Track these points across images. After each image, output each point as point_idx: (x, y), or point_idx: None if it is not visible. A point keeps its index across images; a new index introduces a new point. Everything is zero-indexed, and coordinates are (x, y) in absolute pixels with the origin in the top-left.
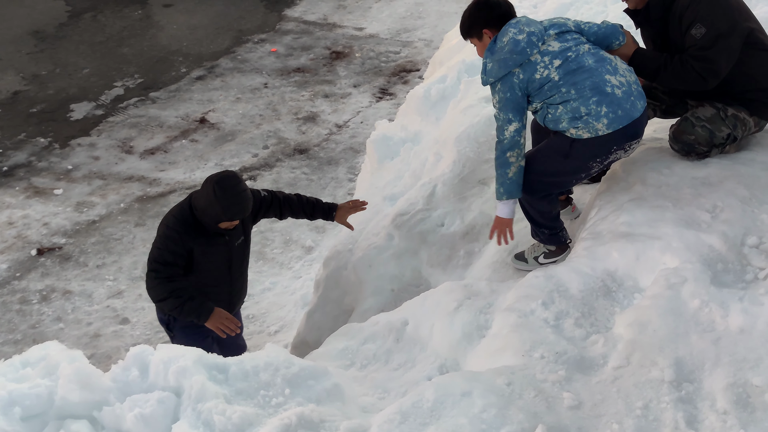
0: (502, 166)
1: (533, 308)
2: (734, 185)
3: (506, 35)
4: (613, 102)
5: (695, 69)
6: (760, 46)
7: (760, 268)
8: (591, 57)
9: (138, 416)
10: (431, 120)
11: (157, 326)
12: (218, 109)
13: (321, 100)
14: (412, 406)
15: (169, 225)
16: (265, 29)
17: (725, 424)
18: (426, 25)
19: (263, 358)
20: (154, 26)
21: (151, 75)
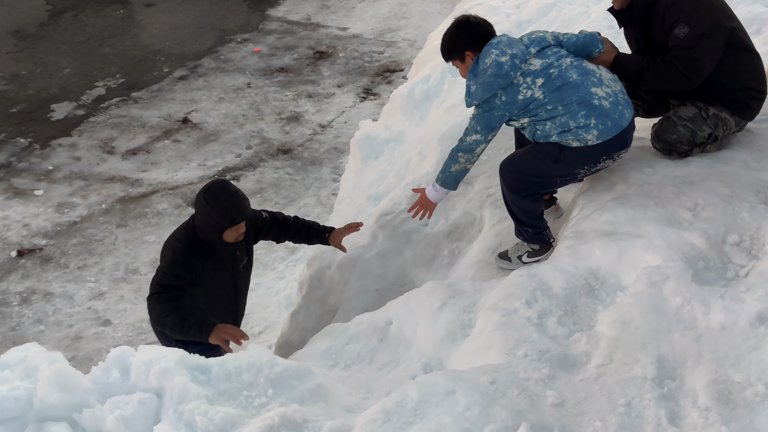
0: (451, 159)
1: (516, 307)
2: (715, 184)
3: (488, 56)
4: (602, 114)
5: (678, 69)
6: (742, 46)
7: (740, 265)
8: (575, 71)
9: (119, 418)
10: (415, 119)
11: (140, 327)
12: (201, 109)
13: (305, 100)
14: (395, 405)
15: (175, 250)
16: (248, 29)
17: (707, 421)
18: (410, 26)
19: (246, 359)
20: (135, 26)
21: (133, 75)
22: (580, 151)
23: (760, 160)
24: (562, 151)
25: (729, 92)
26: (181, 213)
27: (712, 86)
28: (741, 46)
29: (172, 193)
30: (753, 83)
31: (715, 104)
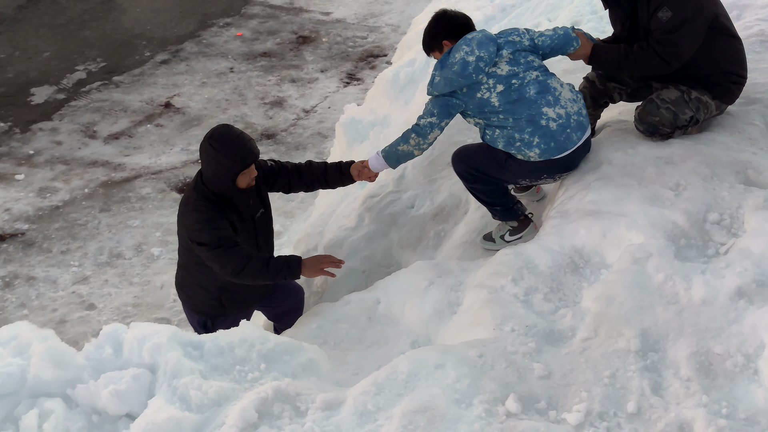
0: (403, 138)
1: (503, 284)
2: (696, 164)
3: (459, 51)
4: (546, 134)
5: (658, 53)
6: (725, 31)
7: (721, 243)
8: (534, 87)
9: (113, 393)
10: (400, 103)
11: (125, 311)
12: (183, 94)
13: (288, 85)
14: (387, 378)
15: (201, 210)
16: (230, 13)
17: (688, 390)
18: (393, 11)
19: (238, 335)
20: (116, 9)
21: (114, 59)
22: (523, 164)
23: (740, 142)
24: (508, 159)
25: (711, 76)
26: (165, 197)
27: (695, 70)
28: (724, 30)
29: (155, 178)
30: (734, 68)
31: (697, 88)
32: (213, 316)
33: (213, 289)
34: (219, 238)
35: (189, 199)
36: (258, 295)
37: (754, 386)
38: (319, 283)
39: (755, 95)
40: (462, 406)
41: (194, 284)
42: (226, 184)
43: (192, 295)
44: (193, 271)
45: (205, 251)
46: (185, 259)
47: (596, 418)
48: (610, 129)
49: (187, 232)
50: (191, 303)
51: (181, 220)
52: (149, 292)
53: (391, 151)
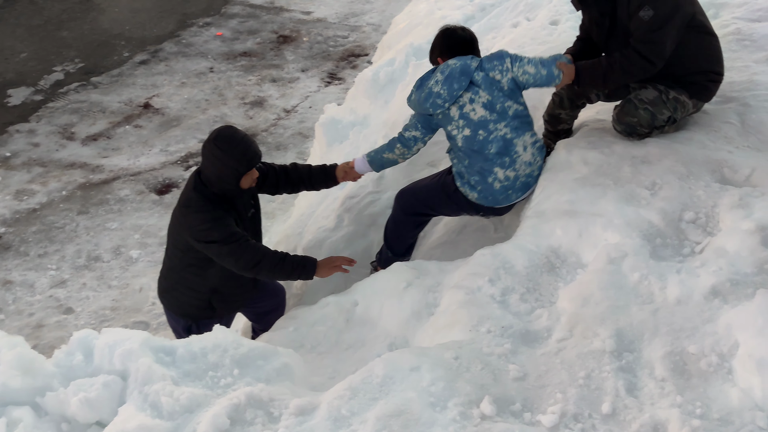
0: (389, 146)
1: (480, 285)
2: (672, 163)
3: (433, 78)
4: (487, 189)
5: (641, 55)
6: (702, 29)
7: (696, 242)
8: (497, 145)
9: (83, 400)
10: (380, 103)
11: (102, 315)
12: (163, 94)
13: (268, 85)
14: (361, 382)
15: (205, 209)
16: (210, 12)
17: (663, 391)
18: (374, 10)
19: (211, 340)
20: (94, 9)
21: (93, 59)
22: (463, 198)
23: (715, 140)
24: (456, 191)
25: (689, 75)
26: (144, 199)
27: (673, 69)
28: (701, 28)
29: (134, 179)
30: (712, 66)
31: (675, 87)
32: (199, 318)
33: (204, 291)
34: (231, 233)
35: (190, 200)
36: (248, 295)
37: (728, 386)
38: (299, 285)
39: (731, 94)
40: (437, 410)
41: (184, 287)
42: (230, 184)
43: (179, 298)
44: (184, 273)
45: (216, 248)
46: (176, 262)
47: (571, 420)
48: (587, 128)
49: (192, 232)
50: (177, 306)
51: (182, 223)
52: (128, 296)
53: (377, 157)
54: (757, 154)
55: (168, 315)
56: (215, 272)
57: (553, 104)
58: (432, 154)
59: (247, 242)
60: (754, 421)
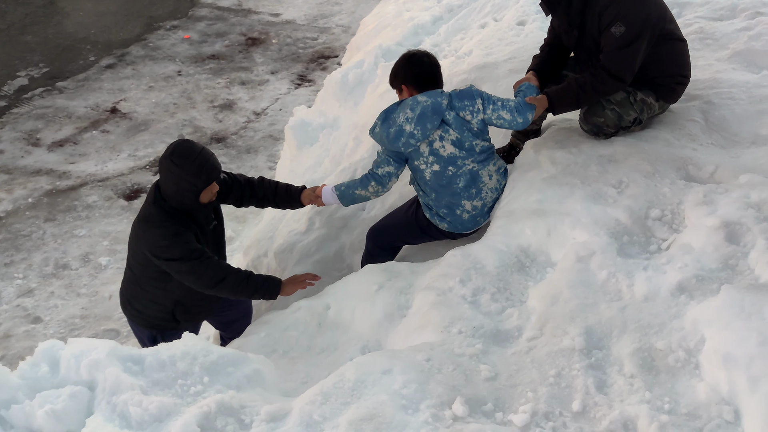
0: (362, 184)
1: (451, 286)
2: (638, 161)
3: (402, 113)
4: (456, 220)
5: (611, 73)
6: (671, 36)
7: (662, 239)
8: (464, 179)
9: (49, 412)
10: (349, 105)
11: (72, 323)
12: (130, 98)
13: (237, 88)
14: (333, 386)
15: (165, 225)
16: (177, 15)
17: (632, 387)
18: (343, 11)
19: (180, 348)
20: (59, 13)
21: (58, 64)
22: (435, 228)
23: (680, 138)
24: (429, 224)
25: (657, 78)
26: (112, 205)
27: (641, 74)
28: (670, 36)
29: (102, 185)
30: (680, 70)
31: (643, 89)
32: (164, 329)
33: (167, 303)
34: (191, 251)
35: (150, 215)
36: (212, 306)
37: (695, 381)
38: None
39: (695, 92)
40: (409, 412)
41: (146, 299)
42: (189, 199)
43: (142, 310)
44: (147, 286)
45: (176, 265)
46: (139, 275)
47: (542, 419)
48: (554, 128)
49: (152, 248)
50: (141, 318)
51: (141, 237)
52: (97, 303)
53: (347, 192)
54: (721, 151)
55: (132, 326)
56: (177, 285)
57: None
58: None
59: (209, 260)
60: (721, 414)
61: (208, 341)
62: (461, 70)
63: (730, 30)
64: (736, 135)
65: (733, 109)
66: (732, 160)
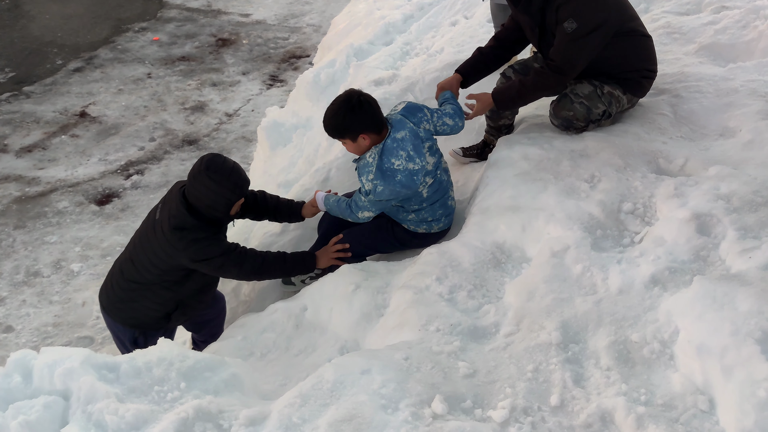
0: (342, 214)
1: (428, 284)
2: (610, 155)
3: (397, 158)
4: (449, 211)
5: (553, 68)
6: (633, 33)
7: (635, 232)
8: (443, 172)
9: (22, 424)
10: (322, 105)
11: (45, 332)
12: (99, 102)
13: (209, 89)
14: (312, 388)
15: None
16: (145, 17)
17: (609, 380)
18: (314, 11)
19: (156, 354)
20: (24, 16)
21: (24, 68)
22: (422, 236)
23: (650, 132)
24: (414, 238)
25: (623, 72)
26: (83, 210)
27: (607, 67)
28: (631, 33)
29: (72, 191)
30: (645, 64)
31: (610, 83)
32: (150, 329)
33: (170, 305)
34: (228, 246)
35: (185, 223)
36: (204, 307)
37: (671, 371)
38: (247, 292)
39: (663, 86)
40: (388, 411)
41: (149, 300)
42: (221, 212)
43: (138, 310)
44: (157, 288)
45: (218, 261)
46: (148, 278)
47: (521, 414)
48: (526, 124)
49: (189, 253)
50: (130, 317)
51: (176, 244)
52: (70, 311)
53: (334, 209)
54: (690, 143)
55: (113, 327)
56: (189, 286)
57: None
58: None
59: (245, 249)
60: (696, 404)
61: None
62: (433, 68)
63: (697, 24)
64: (705, 128)
65: (701, 102)
66: (701, 153)
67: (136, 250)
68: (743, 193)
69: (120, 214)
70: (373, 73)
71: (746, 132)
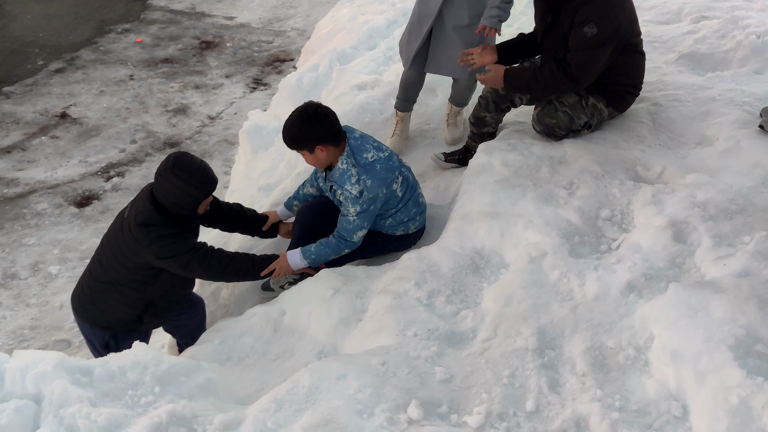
0: (333, 251)
1: (407, 289)
2: (588, 163)
3: (367, 152)
4: (422, 209)
5: (568, 74)
6: (633, 48)
7: (612, 238)
8: (406, 170)
9: None
10: None
11: (21, 335)
12: (80, 103)
13: (191, 92)
14: (287, 393)
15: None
16: (128, 19)
17: (584, 386)
18: (298, 15)
19: (130, 357)
20: (5, 16)
21: (4, 68)
22: (401, 238)
23: (629, 140)
24: (393, 241)
25: (610, 85)
26: (63, 213)
27: (597, 79)
28: (632, 48)
29: (51, 192)
30: (633, 81)
31: (595, 94)
32: (121, 331)
33: (139, 305)
34: (194, 244)
35: (150, 219)
36: (179, 309)
37: (645, 377)
38: (226, 296)
39: (643, 94)
40: (364, 417)
41: (117, 301)
42: (187, 210)
43: (106, 311)
44: (124, 288)
45: (184, 259)
46: (118, 277)
47: (496, 419)
48: (507, 131)
49: (154, 249)
50: (100, 318)
51: (141, 240)
52: (48, 313)
53: (319, 259)
54: (668, 151)
55: (84, 329)
56: (158, 287)
57: (479, 107)
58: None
59: (212, 248)
60: (670, 410)
61: (162, 350)
62: None
63: (677, 33)
64: (683, 136)
65: (680, 110)
66: (679, 161)
67: (103, 249)
68: (719, 201)
69: (100, 216)
70: (356, 78)
71: (723, 141)
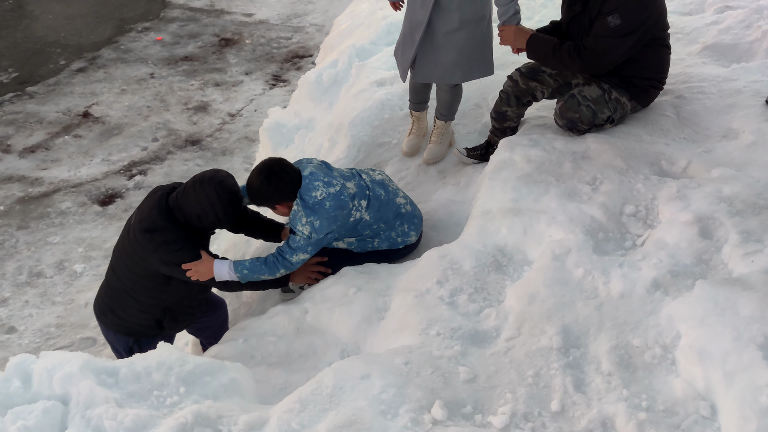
0: (269, 269)
1: (429, 287)
2: (611, 158)
3: (316, 190)
4: (410, 216)
5: (582, 58)
6: (660, 42)
7: (637, 235)
8: (379, 187)
9: (21, 429)
10: (324, 105)
11: (47, 333)
12: (102, 102)
13: (212, 89)
14: (311, 393)
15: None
16: (148, 17)
17: (610, 385)
18: (317, 10)
19: (155, 358)
20: (27, 16)
21: (27, 68)
22: (405, 248)
23: (653, 134)
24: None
25: (635, 78)
26: (86, 211)
27: (622, 70)
28: (659, 41)
29: (75, 191)
30: (658, 75)
31: (618, 88)
32: (143, 336)
33: (156, 312)
34: (198, 255)
35: (155, 225)
36: (198, 313)
37: (672, 377)
38: (248, 293)
39: (666, 87)
40: (388, 417)
41: (135, 308)
42: (203, 226)
43: (126, 318)
44: (139, 295)
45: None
46: (132, 284)
47: (521, 420)
48: (528, 125)
49: (162, 256)
50: (121, 326)
51: (147, 247)
52: (73, 311)
53: (251, 276)
54: (693, 145)
55: (108, 335)
56: (172, 293)
57: (500, 101)
58: (378, 156)
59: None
60: (698, 410)
61: (186, 349)
62: None
63: (700, 24)
64: (708, 129)
65: (704, 103)
66: (704, 155)
67: (115, 257)
68: (746, 196)
69: (123, 214)
70: (375, 74)
71: (749, 133)
